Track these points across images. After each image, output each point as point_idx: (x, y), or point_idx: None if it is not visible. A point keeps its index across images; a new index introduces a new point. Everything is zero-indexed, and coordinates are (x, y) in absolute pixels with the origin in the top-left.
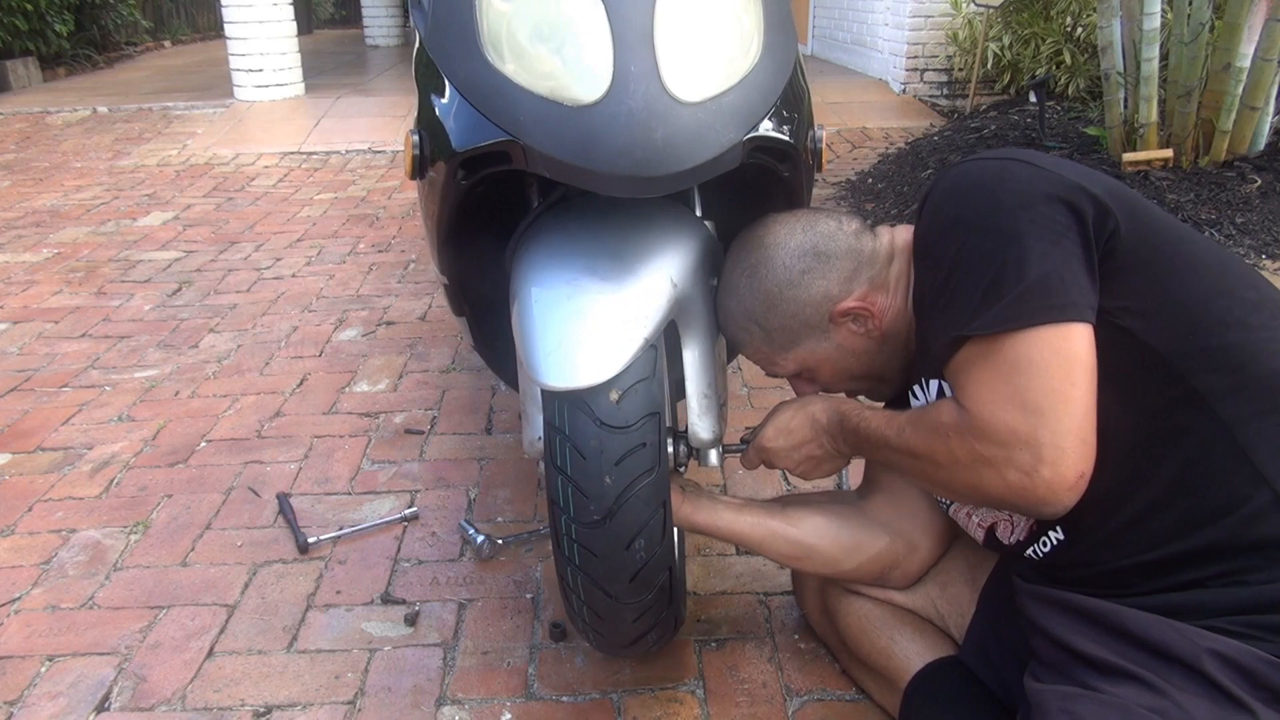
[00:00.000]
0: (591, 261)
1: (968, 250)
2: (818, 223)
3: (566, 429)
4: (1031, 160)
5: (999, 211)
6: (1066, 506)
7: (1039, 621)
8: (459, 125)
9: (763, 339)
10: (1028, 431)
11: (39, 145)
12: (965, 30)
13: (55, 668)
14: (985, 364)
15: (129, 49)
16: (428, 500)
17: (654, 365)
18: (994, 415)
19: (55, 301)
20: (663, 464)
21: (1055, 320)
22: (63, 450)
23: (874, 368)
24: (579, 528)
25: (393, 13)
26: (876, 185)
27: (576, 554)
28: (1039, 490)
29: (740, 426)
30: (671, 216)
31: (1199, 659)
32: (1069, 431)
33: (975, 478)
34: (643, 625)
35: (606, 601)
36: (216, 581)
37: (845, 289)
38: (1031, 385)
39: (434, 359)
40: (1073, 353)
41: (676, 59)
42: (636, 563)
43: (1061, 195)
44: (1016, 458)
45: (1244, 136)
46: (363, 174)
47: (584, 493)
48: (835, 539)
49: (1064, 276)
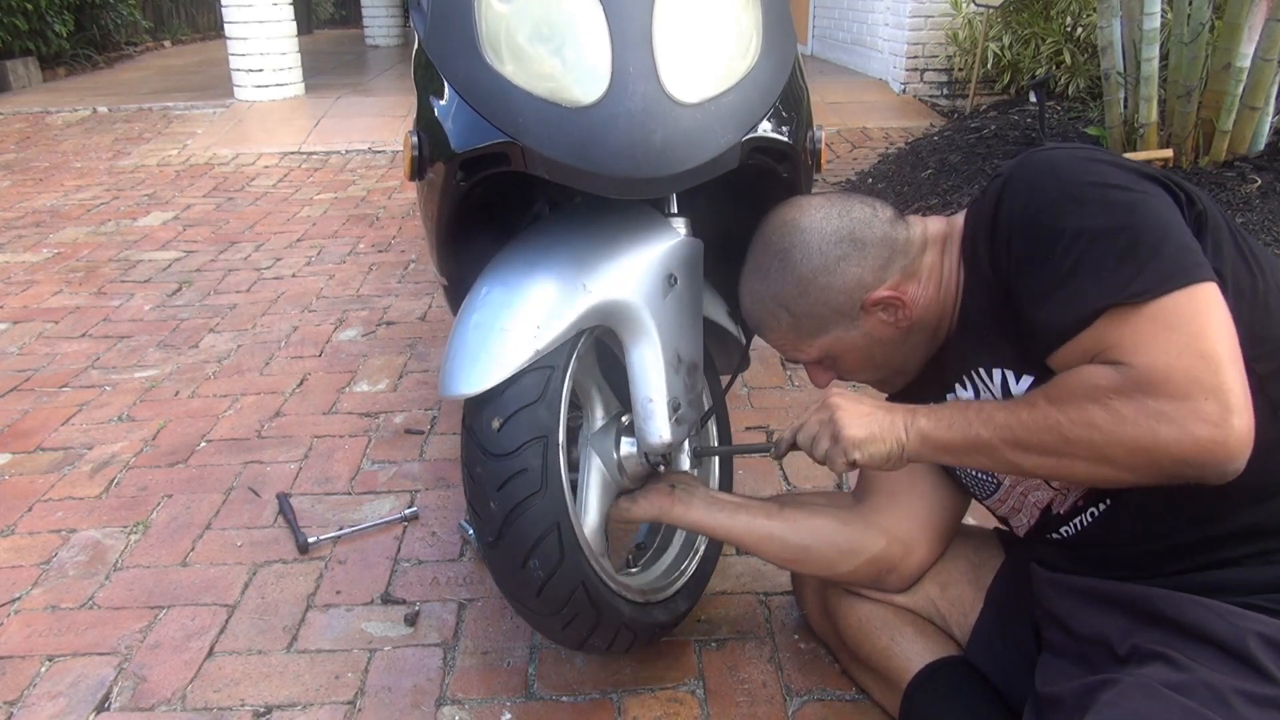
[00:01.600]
0: (520, 272)
1: (1086, 224)
2: (853, 208)
3: (463, 454)
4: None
5: (1107, 186)
6: (1245, 463)
7: (1057, 611)
8: (458, 126)
9: (790, 324)
10: (1209, 379)
11: (39, 145)
12: (965, 30)
13: (55, 668)
14: (1140, 329)
15: (129, 49)
16: (428, 500)
17: (542, 388)
18: (1168, 364)
19: (55, 301)
20: (550, 487)
21: (1202, 279)
22: (63, 450)
23: (896, 358)
24: (482, 547)
25: (393, 13)
26: (877, 185)
27: (490, 570)
28: (1230, 442)
29: (741, 427)
30: (630, 217)
31: (1244, 642)
32: (1241, 380)
33: (1150, 438)
34: (579, 631)
35: (528, 613)
36: (216, 581)
37: (879, 277)
38: (1199, 335)
39: (434, 359)
40: (1222, 306)
41: (675, 60)
42: (536, 580)
43: (1153, 174)
44: (1202, 409)
45: (1244, 136)
46: (363, 174)
47: (478, 514)
48: (831, 541)
49: (1187, 238)
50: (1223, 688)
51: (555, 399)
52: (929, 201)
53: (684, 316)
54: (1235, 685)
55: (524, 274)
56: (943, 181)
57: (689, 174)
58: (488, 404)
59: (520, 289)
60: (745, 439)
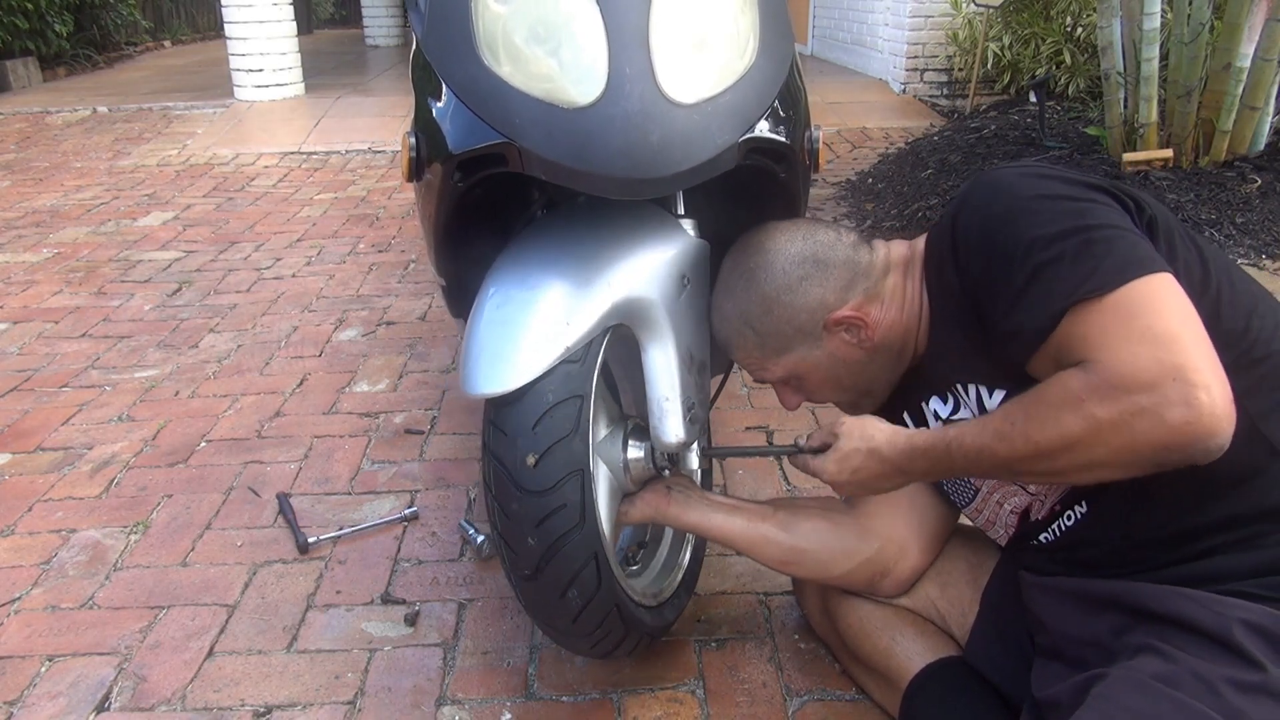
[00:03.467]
0: (536, 270)
1: (1039, 233)
2: (817, 232)
3: (493, 488)
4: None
5: (1056, 198)
6: (1229, 435)
7: (1045, 615)
8: (455, 127)
9: (755, 343)
10: (1171, 360)
11: (39, 145)
12: (965, 30)
13: (55, 668)
14: (1103, 323)
15: (129, 49)
16: (428, 500)
17: (575, 421)
18: (1131, 355)
19: (55, 301)
20: (588, 519)
21: (1158, 269)
22: (63, 450)
23: (862, 380)
24: (515, 578)
25: (393, 13)
26: (876, 185)
27: (520, 597)
28: (1204, 419)
29: (741, 427)
30: (642, 217)
31: (1229, 630)
32: (1207, 355)
33: (1129, 435)
34: (604, 645)
35: (557, 634)
36: (216, 581)
37: (841, 298)
38: (1158, 318)
39: (434, 359)
40: (1180, 292)
41: (672, 60)
42: (574, 609)
43: (1102, 185)
44: (1169, 393)
45: (1244, 136)
46: (363, 174)
47: (513, 549)
48: (826, 544)
49: (1137, 238)
50: (1212, 677)
51: (586, 429)
52: (929, 201)
53: (695, 317)
54: (1224, 674)
55: (545, 271)
56: (943, 181)
57: (686, 175)
58: (521, 438)
59: (543, 286)
60: (745, 439)
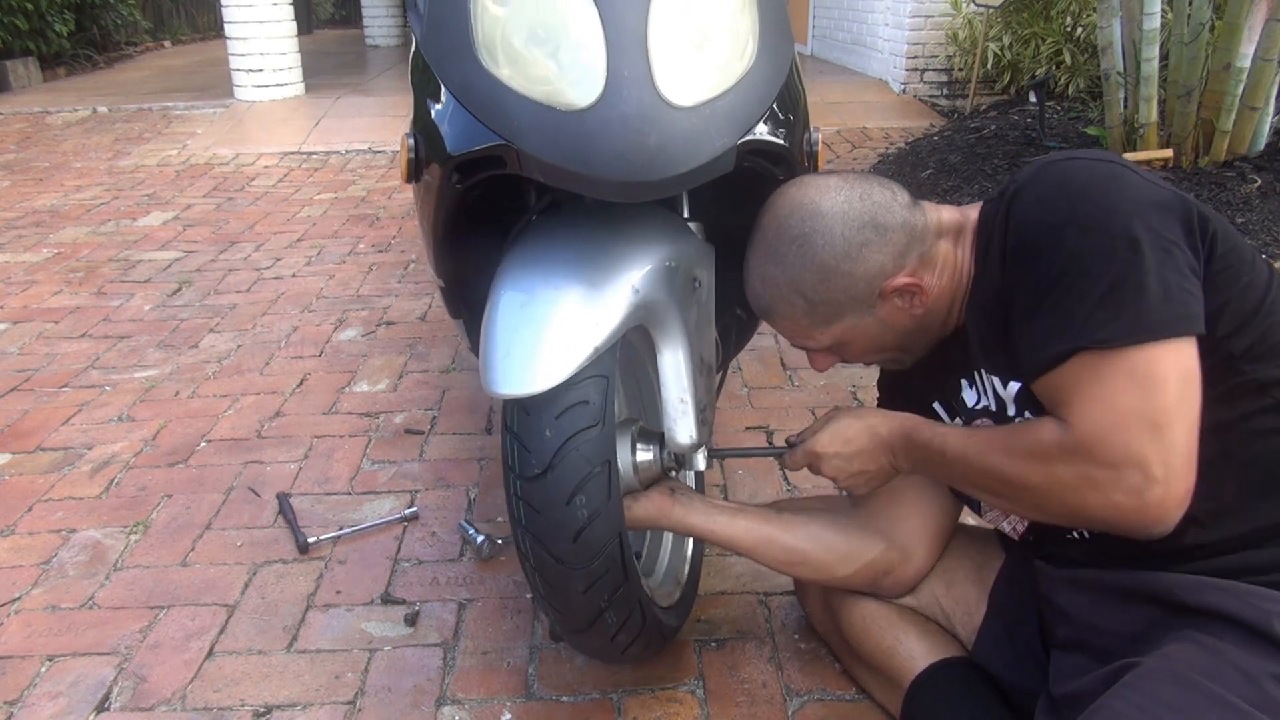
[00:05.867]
0: (558, 269)
1: (1083, 253)
2: (872, 191)
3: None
4: (1130, 165)
5: (1114, 215)
6: (1173, 525)
7: (1068, 607)
8: (453, 129)
9: (805, 310)
10: (1140, 451)
11: (39, 145)
12: (965, 30)
13: (55, 668)
14: (1100, 378)
15: (129, 49)
16: (428, 500)
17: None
18: (1108, 435)
19: (55, 301)
20: (608, 424)
21: (1176, 334)
22: (63, 450)
23: (904, 342)
24: (522, 483)
25: (393, 13)
26: None
27: (522, 512)
28: (1150, 511)
29: (741, 427)
30: (653, 219)
31: (1269, 622)
32: (1181, 450)
33: (1077, 500)
34: (596, 600)
35: (554, 566)
36: (216, 581)
37: (898, 264)
38: (1150, 403)
39: (434, 359)
40: (1188, 368)
41: (670, 63)
42: (578, 520)
43: (1170, 203)
44: (1126, 479)
45: (1244, 136)
46: (363, 174)
47: (526, 447)
48: (829, 546)
49: (1181, 286)
50: (1254, 671)
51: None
52: None
53: (705, 319)
54: (1267, 668)
55: (566, 271)
56: (943, 181)
57: (684, 177)
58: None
59: (568, 286)
60: (745, 439)
